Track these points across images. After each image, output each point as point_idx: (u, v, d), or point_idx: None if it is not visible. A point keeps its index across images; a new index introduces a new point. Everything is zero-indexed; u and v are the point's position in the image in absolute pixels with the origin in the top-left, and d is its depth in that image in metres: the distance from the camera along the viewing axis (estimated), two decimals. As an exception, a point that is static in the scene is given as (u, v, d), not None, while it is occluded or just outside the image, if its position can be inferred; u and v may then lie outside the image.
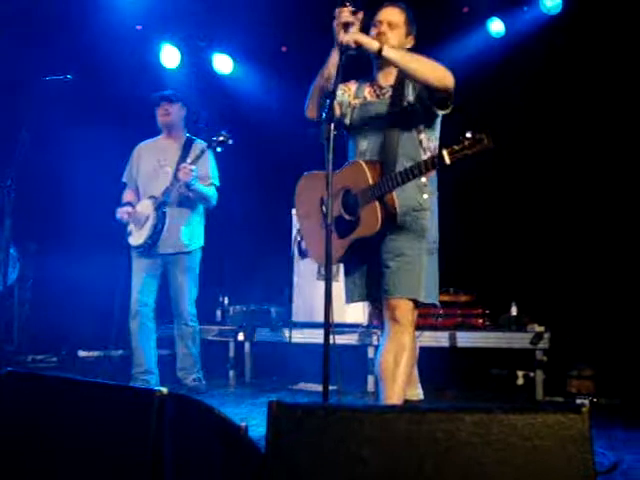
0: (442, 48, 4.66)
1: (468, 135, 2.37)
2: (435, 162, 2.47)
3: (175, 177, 4.16)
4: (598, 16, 4.75)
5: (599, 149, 4.85)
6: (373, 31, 2.74)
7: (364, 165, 2.67)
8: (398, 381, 2.57)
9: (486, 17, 5.21)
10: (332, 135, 2.30)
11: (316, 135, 2.37)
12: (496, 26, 5.21)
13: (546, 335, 4.26)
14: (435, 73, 2.56)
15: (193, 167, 4.10)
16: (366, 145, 2.76)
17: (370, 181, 2.62)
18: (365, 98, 2.82)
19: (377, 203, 2.59)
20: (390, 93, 2.77)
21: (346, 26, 2.52)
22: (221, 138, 4.11)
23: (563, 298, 4.74)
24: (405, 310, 2.64)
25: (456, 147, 2.39)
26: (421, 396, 2.92)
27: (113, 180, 4.62)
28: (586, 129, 4.91)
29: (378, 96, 2.79)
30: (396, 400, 2.55)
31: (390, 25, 2.74)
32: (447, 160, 2.40)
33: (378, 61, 2.77)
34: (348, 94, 2.87)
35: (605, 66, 4.80)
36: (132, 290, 4.32)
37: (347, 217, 2.71)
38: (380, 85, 2.81)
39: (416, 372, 2.91)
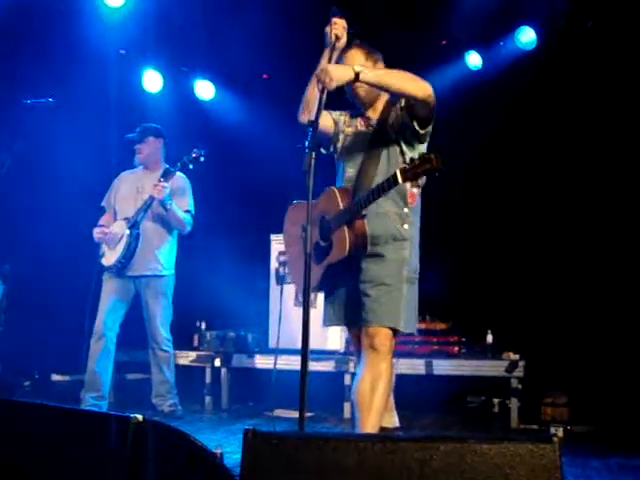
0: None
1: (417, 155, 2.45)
2: (390, 182, 2.52)
3: (150, 197, 4.18)
4: (571, 53, 4.91)
5: (573, 180, 4.96)
6: None
7: (336, 191, 2.73)
8: (374, 410, 2.56)
9: (464, 50, 5.34)
10: (313, 164, 2.33)
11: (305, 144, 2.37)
12: (474, 59, 5.34)
13: (521, 363, 4.30)
14: (416, 84, 2.56)
15: (166, 184, 4.11)
16: (353, 172, 2.80)
17: (340, 206, 2.68)
18: (356, 127, 2.88)
19: (345, 227, 2.64)
20: (377, 124, 2.82)
21: (336, 39, 2.61)
22: (193, 155, 4.17)
23: (538, 326, 4.79)
24: (384, 338, 2.63)
25: (407, 167, 2.46)
26: (397, 423, 2.92)
27: (89, 203, 4.60)
28: (559, 160, 5.03)
29: (367, 127, 2.85)
30: (371, 429, 2.53)
31: None
32: (400, 179, 2.47)
33: (359, 100, 2.82)
34: (344, 120, 2.93)
35: (577, 100, 4.95)
36: (99, 312, 4.26)
37: (322, 243, 2.76)
38: (369, 117, 2.85)
39: (392, 399, 2.92)
